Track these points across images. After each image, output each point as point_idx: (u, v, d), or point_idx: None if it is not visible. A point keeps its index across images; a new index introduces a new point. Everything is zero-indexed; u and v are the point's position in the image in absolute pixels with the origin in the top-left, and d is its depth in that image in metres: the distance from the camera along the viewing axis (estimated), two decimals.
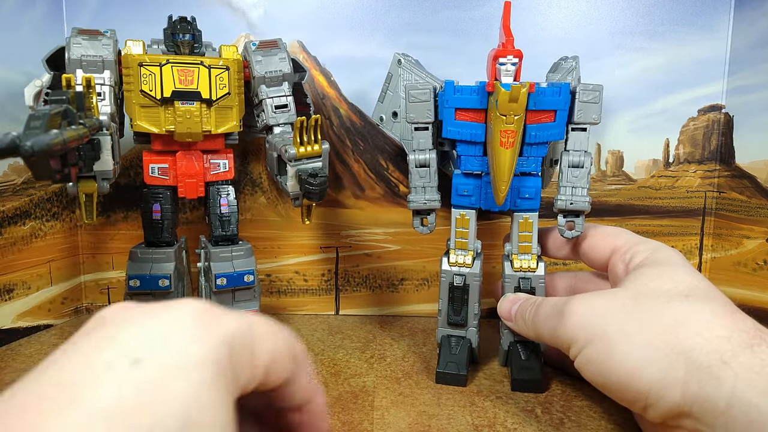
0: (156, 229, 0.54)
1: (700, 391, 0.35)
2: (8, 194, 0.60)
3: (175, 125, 0.52)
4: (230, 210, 0.56)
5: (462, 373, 0.53)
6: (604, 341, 0.40)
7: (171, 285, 0.53)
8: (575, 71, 0.55)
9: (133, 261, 0.53)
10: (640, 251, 0.47)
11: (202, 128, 0.52)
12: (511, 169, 0.48)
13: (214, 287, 0.53)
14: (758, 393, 0.33)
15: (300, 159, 0.50)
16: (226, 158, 0.56)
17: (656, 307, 0.40)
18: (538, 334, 0.47)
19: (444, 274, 0.55)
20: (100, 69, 0.50)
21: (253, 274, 0.55)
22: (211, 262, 0.54)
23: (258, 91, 0.56)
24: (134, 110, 0.52)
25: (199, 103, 0.52)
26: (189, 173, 0.54)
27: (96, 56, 0.50)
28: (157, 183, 0.55)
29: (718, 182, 0.68)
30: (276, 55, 0.56)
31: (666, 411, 0.37)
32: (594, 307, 0.42)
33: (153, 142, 0.54)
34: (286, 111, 0.56)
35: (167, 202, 0.55)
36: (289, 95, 0.56)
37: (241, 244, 0.56)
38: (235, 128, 0.55)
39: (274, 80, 0.56)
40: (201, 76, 0.52)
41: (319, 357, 0.59)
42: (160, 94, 0.51)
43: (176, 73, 0.51)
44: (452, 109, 0.51)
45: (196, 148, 0.55)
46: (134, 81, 0.51)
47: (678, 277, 0.42)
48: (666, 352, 0.37)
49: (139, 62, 0.51)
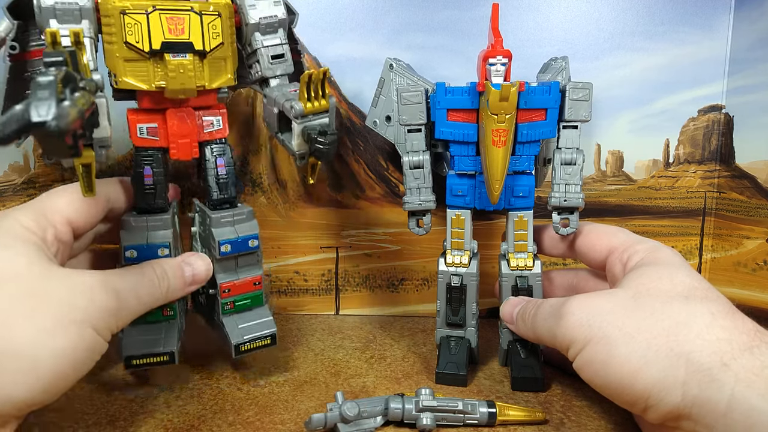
0: (148, 195, 0.50)
1: (701, 394, 0.35)
2: (8, 194, 0.60)
3: (166, 81, 0.46)
4: (228, 170, 0.52)
5: (462, 373, 0.53)
6: (603, 342, 0.40)
7: (171, 253, 0.50)
8: (565, 71, 0.56)
9: (126, 230, 0.49)
10: (638, 251, 0.47)
11: (195, 83, 0.47)
12: (504, 167, 0.49)
13: (218, 254, 0.50)
14: (758, 395, 0.33)
15: (306, 115, 0.47)
16: (219, 114, 0.52)
17: (656, 309, 0.40)
18: (538, 335, 0.47)
19: (441, 275, 0.55)
20: (77, 19, 0.44)
21: (257, 239, 0.52)
22: (212, 228, 0.50)
23: (252, 40, 0.51)
24: (118, 65, 0.45)
25: (192, 54, 0.46)
26: (181, 133, 0.49)
27: (71, 3, 0.44)
28: (147, 144, 0.49)
29: (718, 182, 0.68)
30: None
31: (666, 413, 0.37)
32: (592, 307, 0.42)
33: (140, 100, 0.49)
34: (283, 61, 0.52)
35: (158, 165, 0.50)
36: (285, 44, 0.52)
37: (240, 207, 0.52)
38: (230, 82, 0.50)
39: (269, 27, 0.51)
40: (192, 24, 0.46)
41: (319, 357, 0.59)
42: (148, 46, 0.45)
43: (165, 21, 0.45)
44: (444, 110, 0.52)
45: (187, 105, 0.49)
46: (116, 32, 0.45)
47: (677, 278, 0.42)
48: (666, 354, 0.37)
49: (120, 9, 0.44)
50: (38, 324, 0.36)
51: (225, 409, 0.49)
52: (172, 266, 0.48)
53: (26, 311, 0.36)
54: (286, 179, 0.69)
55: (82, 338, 0.38)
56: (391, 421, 0.46)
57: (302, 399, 0.51)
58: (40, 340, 0.36)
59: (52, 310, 0.37)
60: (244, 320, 0.52)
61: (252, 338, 0.51)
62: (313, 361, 0.58)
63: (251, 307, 0.53)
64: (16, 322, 0.36)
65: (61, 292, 0.38)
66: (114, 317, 0.41)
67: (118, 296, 0.41)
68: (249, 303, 0.53)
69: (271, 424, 0.46)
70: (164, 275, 0.46)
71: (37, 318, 0.36)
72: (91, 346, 0.38)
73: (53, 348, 0.36)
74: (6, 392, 0.35)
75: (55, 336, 0.36)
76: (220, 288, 0.51)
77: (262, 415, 0.48)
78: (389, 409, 0.45)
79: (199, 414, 0.48)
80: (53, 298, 0.37)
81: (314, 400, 0.50)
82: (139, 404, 0.49)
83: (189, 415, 0.48)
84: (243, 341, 0.51)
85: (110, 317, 0.40)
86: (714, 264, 0.70)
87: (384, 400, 0.46)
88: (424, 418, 0.45)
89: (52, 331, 0.36)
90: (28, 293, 0.37)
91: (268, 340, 0.52)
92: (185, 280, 0.48)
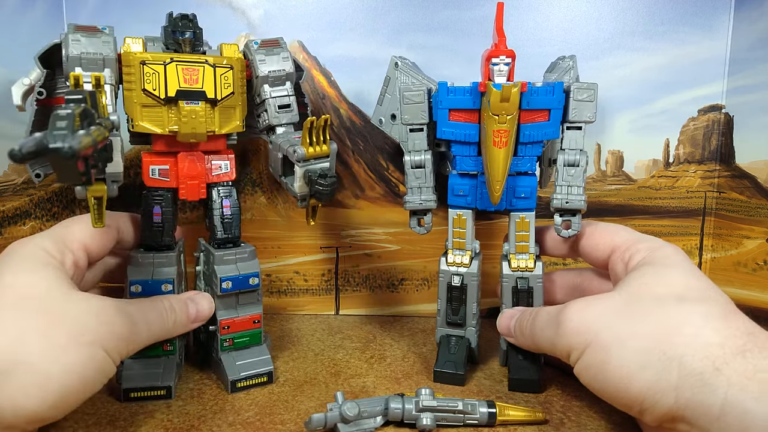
0: (156, 233, 0.53)
1: (694, 397, 0.35)
2: (8, 194, 0.60)
3: (179, 125, 0.50)
4: (233, 212, 0.55)
5: (459, 372, 0.53)
6: (599, 348, 0.40)
7: (174, 290, 0.52)
8: (572, 70, 0.55)
9: (133, 265, 0.52)
10: (640, 250, 0.47)
11: (206, 129, 0.51)
12: (505, 168, 0.49)
13: (219, 291, 0.52)
14: (752, 399, 0.33)
15: (308, 159, 0.50)
16: (227, 159, 0.55)
17: (650, 312, 0.40)
18: (537, 344, 0.48)
19: (442, 274, 0.55)
20: (100, 67, 0.49)
21: (258, 277, 0.54)
22: (215, 265, 0.53)
23: (261, 91, 0.55)
24: (135, 110, 0.50)
25: (204, 102, 0.51)
26: (191, 174, 0.53)
27: (96, 53, 0.49)
28: (158, 185, 0.53)
29: (718, 182, 0.68)
30: (279, 54, 0.55)
31: (661, 415, 0.37)
32: (589, 313, 0.42)
33: (154, 143, 0.53)
34: (289, 111, 0.56)
35: (168, 205, 0.53)
36: (292, 95, 0.56)
37: (243, 246, 0.55)
38: (239, 128, 0.54)
39: (277, 80, 0.55)
40: (206, 75, 0.50)
41: (319, 357, 0.59)
42: (164, 93, 0.49)
43: (181, 72, 0.50)
44: (446, 110, 0.52)
45: (198, 149, 0.53)
46: (136, 80, 0.50)
47: (673, 279, 0.42)
48: (659, 358, 0.37)
49: (141, 60, 0.49)
50: (52, 340, 0.38)
51: (225, 409, 0.49)
52: (178, 302, 0.50)
53: (42, 327, 0.38)
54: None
55: (92, 358, 0.39)
56: (391, 421, 0.46)
57: (302, 399, 0.51)
58: (54, 355, 0.37)
59: (66, 328, 0.39)
60: (242, 357, 0.54)
61: (248, 375, 0.53)
62: (313, 361, 0.58)
63: (249, 345, 0.54)
64: (31, 336, 0.37)
65: (76, 313, 0.40)
66: (125, 342, 0.42)
67: (131, 322, 0.43)
68: (247, 341, 0.54)
69: (271, 424, 0.46)
70: (171, 309, 0.48)
71: (51, 334, 0.38)
72: (100, 367, 0.40)
73: (65, 364, 0.38)
74: (18, 403, 0.36)
75: (68, 353, 0.38)
76: (220, 324, 0.53)
77: (262, 415, 0.48)
78: (389, 409, 0.45)
79: (199, 414, 0.48)
80: (69, 317, 0.39)
81: (314, 400, 0.50)
82: (139, 404, 0.49)
83: (189, 415, 0.48)
84: (240, 378, 0.52)
85: (121, 341, 0.42)
86: (714, 264, 0.70)
87: (384, 400, 0.46)
88: (424, 418, 0.45)
89: (65, 348, 0.38)
90: (46, 311, 0.39)
91: (264, 378, 0.53)
92: (189, 317, 0.50)
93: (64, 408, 0.38)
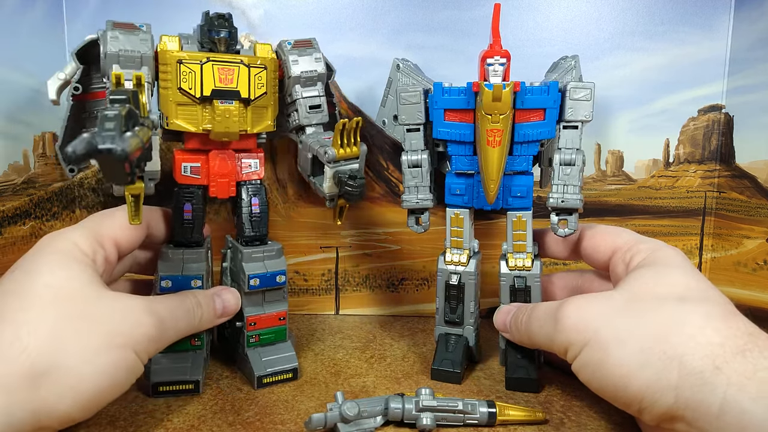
0: (186, 229, 0.53)
1: (693, 397, 0.35)
2: (8, 194, 0.60)
3: (213, 124, 0.50)
4: (261, 210, 0.55)
5: (456, 370, 0.53)
6: (597, 345, 0.40)
7: (203, 285, 0.52)
8: (574, 70, 0.55)
9: (163, 261, 0.52)
10: (641, 251, 0.47)
11: (239, 128, 0.51)
12: (499, 167, 0.49)
13: (247, 288, 0.52)
14: (750, 399, 0.33)
15: (338, 161, 0.50)
16: (257, 158, 0.55)
17: (650, 312, 0.40)
18: (534, 340, 0.48)
19: (440, 273, 0.55)
20: (137, 65, 0.49)
21: (285, 275, 0.54)
22: (243, 263, 0.53)
23: (292, 91, 0.55)
24: (170, 108, 0.50)
25: (238, 102, 0.51)
26: (222, 173, 0.53)
27: (134, 51, 0.49)
28: (189, 182, 0.53)
29: (718, 182, 0.68)
30: (311, 55, 0.56)
31: (660, 415, 0.37)
32: (588, 310, 0.42)
33: (187, 141, 0.53)
34: (320, 111, 0.56)
35: (198, 202, 0.53)
36: (323, 96, 0.56)
37: (271, 244, 0.55)
38: (270, 128, 0.54)
39: (309, 80, 0.55)
40: (241, 75, 0.50)
41: (319, 357, 0.59)
42: (200, 92, 0.49)
43: (217, 71, 0.50)
44: (441, 110, 0.52)
45: (229, 147, 0.54)
46: (172, 78, 0.49)
47: (673, 279, 0.42)
48: (659, 357, 0.37)
49: (177, 59, 0.49)
50: (85, 343, 0.38)
51: (225, 409, 0.49)
52: (205, 297, 0.50)
53: (77, 330, 0.38)
54: (286, 179, 0.69)
55: (124, 360, 0.40)
56: (391, 421, 0.46)
57: (302, 399, 0.51)
58: (87, 357, 0.38)
59: (99, 330, 0.39)
60: (267, 354, 0.54)
61: (274, 371, 0.53)
62: (313, 361, 0.58)
63: (274, 342, 0.55)
64: (67, 339, 0.38)
65: (109, 316, 0.40)
66: (154, 342, 0.43)
67: (160, 322, 0.43)
68: (273, 337, 0.55)
69: (271, 424, 0.46)
70: (198, 305, 0.49)
71: (85, 337, 0.38)
72: (130, 368, 0.41)
73: (97, 366, 0.38)
74: (50, 404, 0.36)
75: (100, 355, 0.38)
76: (247, 321, 0.54)
77: (262, 415, 0.48)
78: (389, 409, 0.45)
79: (199, 414, 0.48)
80: (102, 320, 0.40)
81: (314, 400, 0.50)
82: (139, 404, 0.49)
83: (189, 415, 0.48)
84: (266, 374, 0.53)
85: (150, 342, 0.42)
86: (714, 264, 0.70)
87: (384, 400, 0.46)
88: (424, 418, 0.45)
89: (98, 350, 0.38)
90: (80, 314, 0.39)
91: (290, 374, 0.54)
92: (216, 312, 0.51)
93: (91, 409, 0.39)
